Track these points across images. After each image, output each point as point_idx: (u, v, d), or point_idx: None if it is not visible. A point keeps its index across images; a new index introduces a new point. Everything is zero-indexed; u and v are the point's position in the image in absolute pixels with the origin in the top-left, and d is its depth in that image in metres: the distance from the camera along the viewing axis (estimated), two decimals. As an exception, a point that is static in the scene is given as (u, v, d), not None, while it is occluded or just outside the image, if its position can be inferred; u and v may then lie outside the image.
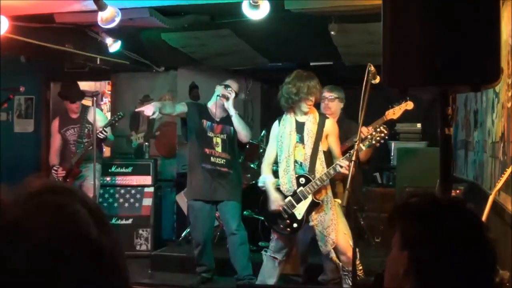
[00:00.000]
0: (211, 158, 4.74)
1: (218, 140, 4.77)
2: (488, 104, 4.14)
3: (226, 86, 4.75)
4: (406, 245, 1.33)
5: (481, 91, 4.11)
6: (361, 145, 3.76)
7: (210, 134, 4.77)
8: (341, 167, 3.74)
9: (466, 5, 1.67)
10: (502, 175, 3.25)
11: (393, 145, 6.10)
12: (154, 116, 4.54)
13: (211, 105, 4.81)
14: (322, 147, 4.04)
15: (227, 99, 4.67)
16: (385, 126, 3.89)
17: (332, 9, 4.28)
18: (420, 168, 4.78)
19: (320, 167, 3.99)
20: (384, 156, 6.32)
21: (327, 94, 4.61)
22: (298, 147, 4.04)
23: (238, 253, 4.72)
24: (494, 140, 3.81)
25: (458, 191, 4.41)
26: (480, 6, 1.66)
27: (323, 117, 4.10)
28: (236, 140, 4.81)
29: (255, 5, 3.90)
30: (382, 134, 3.82)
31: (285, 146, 4.06)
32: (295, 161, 4.02)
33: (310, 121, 4.05)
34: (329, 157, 4.08)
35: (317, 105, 4.24)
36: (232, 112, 4.68)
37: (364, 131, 3.96)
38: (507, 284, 3.05)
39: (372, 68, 3.43)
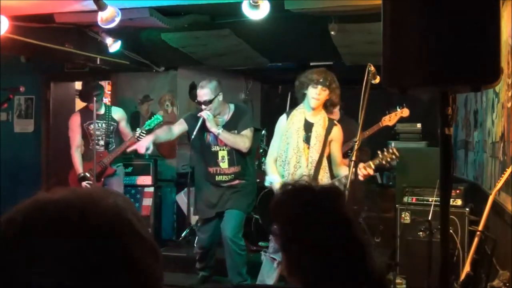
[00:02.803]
0: (216, 177, 4.51)
1: (223, 153, 4.49)
2: (488, 104, 4.14)
3: (200, 103, 4.45)
4: (281, 248, 1.40)
5: (481, 91, 4.11)
6: (370, 162, 3.78)
7: (215, 148, 4.50)
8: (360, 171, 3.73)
9: (466, 5, 1.67)
10: (502, 175, 3.25)
11: (393, 145, 6.08)
12: (148, 152, 4.43)
13: None
14: (325, 153, 3.99)
15: (208, 117, 4.38)
16: (397, 149, 3.89)
17: (332, 9, 4.28)
18: (420, 168, 4.78)
19: (323, 172, 3.95)
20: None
21: None
22: (303, 147, 3.98)
23: (230, 261, 4.58)
24: (494, 140, 3.81)
25: (458, 191, 4.42)
26: (480, 6, 1.66)
27: (331, 123, 4.02)
28: None
29: (255, 5, 3.90)
30: (394, 157, 3.81)
31: (293, 142, 3.97)
32: (301, 161, 3.97)
33: (320, 125, 3.97)
34: (331, 164, 4.05)
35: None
36: (216, 130, 4.38)
37: (364, 171, 3.92)
38: (507, 284, 3.05)
39: (372, 68, 3.43)
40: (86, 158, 5.30)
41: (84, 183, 5.06)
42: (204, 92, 4.43)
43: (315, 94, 3.90)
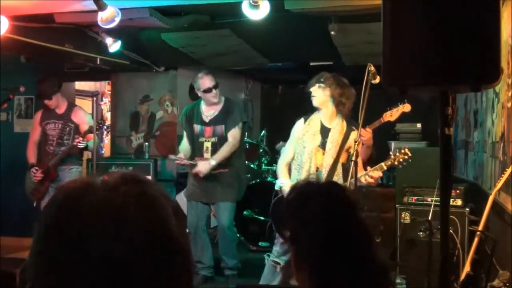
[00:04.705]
0: None
1: (208, 144, 4.76)
2: (488, 104, 4.14)
3: (206, 91, 4.76)
4: (290, 241, 1.44)
5: (481, 91, 4.11)
6: (382, 164, 3.78)
7: (201, 139, 4.78)
8: (371, 177, 3.72)
9: (466, 5, 1.67)
10: (502, 175, 3.25)
11: (393, 145, 6.10)
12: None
13: (203, 105, 4.86)
14: (341, 159, 3.97)
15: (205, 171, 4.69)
16: (409, 148, 3.89)
17: (332, 9, 4.27)
18: (420, 168, 4.78)
19: (337, 177, 3.92)
20: (384, 156, 6.31)
21: None
22: (318, 151, 3.97)
23: (226, 247, 4.85)
24: (494, 140, 3.81)
25: (458, 191, 4.41)
26: (480, 6, 1.66)
27: (349, 129, 4.00)
28: None
29: (255, 5, 3.90)
30: (406, 157, 3.81)
31: (308, 146, 3.97)
32: (314, 165, 3.96)
33: (337, 130, 3.98)
34: (346, 171, 3.97)
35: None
36: (210, 164, 4.64)
37: (363, 132, 3.96)
38: (507, 284, 3.05)
39: (372, 68, 3.43)
40: (38, 160, 5.26)
41: (32, 170, 5.15)
42: (210, 79, 4.73)
43: (312, 92, 4.00)
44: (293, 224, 1.43)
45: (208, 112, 4.82)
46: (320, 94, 3.98)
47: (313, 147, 3.95)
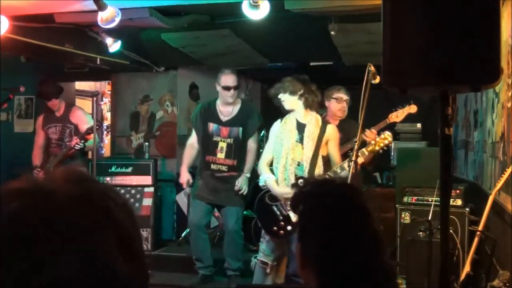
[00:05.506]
0: (211, 165, 4.73)
1: (223, 144, 4.71)
2: (488, 104, 4.14)
3: (228, 88, 4.67)
4: (299, 237, 1.44)
5: (481, 91, 4.11)
6: (364, 149, 3.80)
7: (216, 138, 4.73)
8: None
9: (466, 5, 1.67)
10: (502, 175, 3.25)
11: (393, 145, 6.10)
12: (191, 182, 4.85)
13: (220, 103, 4.80)
14: (321, 152, 4.07)
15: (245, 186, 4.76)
16: (389, 133, 3.90)
17: (332, 9, 4.28)
18: (420, 168, 4.78)
19: (318, 170, 4.01)
20: (384, 157, 6.31)
21: (345, 96, 4.59)
22: (297, 146, 4.07)
23: (232, 249, 4.84)
24: (494, 140, 3.81)
25: (458, 191, 4.41)
26: (480, 6, 1.66)
27: (325, 123, 4.14)
28: (245, 144, 4.76)
29: (255, 5, 3.90)
30: (386, 141, 3.83)
31: (285, 143, 4.09)
32: (292, 159, 4.06)
33: (312, 124, 4.09)
34: (327, 163, 4.11)
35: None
36: (246, 176, 4.71)
37: (368, 133, 3.97)
38: (507, 284, 3.05)
39: (372, 68, 3.43)
40: (44, 163, 5.29)
41: (35, 171, 5.19)
42: (233, 78, 4.67)
43: (280, 99, 4.13)
44: (303, 220, 1.43)
45: (225, 111, 4.76)
46: (288, 98, 4.10)
47: (290, 143, 4.07)
